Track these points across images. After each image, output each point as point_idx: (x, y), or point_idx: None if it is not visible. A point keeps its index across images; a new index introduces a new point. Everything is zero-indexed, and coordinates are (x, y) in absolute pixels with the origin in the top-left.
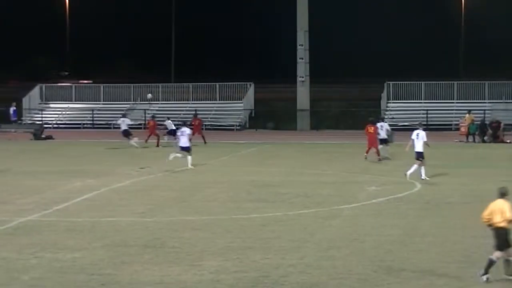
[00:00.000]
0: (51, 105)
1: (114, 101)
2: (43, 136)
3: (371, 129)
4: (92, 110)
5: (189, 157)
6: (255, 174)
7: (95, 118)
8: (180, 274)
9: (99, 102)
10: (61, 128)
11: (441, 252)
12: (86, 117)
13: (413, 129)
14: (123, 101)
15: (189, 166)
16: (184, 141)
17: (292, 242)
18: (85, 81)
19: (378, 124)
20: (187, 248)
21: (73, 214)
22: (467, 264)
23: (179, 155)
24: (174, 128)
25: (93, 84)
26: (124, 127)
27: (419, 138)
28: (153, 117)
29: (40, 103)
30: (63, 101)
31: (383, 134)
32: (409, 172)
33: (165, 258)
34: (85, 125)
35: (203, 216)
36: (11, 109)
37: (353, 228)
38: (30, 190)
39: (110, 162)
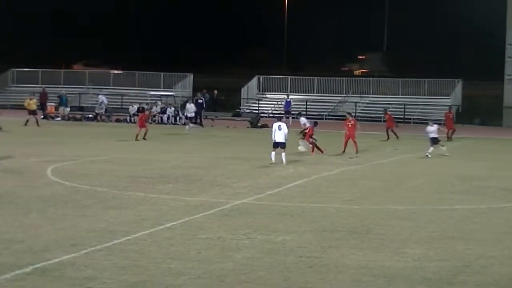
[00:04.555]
0: (268, 96)
1: (326, 93)
2: (259, 124)
3: None
4: (306, 101)
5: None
6: (459, 167)
7: (308, 109)
8: (384, 260)
9: (312, 94)
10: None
11: None
12: (300, 107)
13: None
14: (334, 94)
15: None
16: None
17: (494, 234)
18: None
19: None
20: (392, 236)
21: (284, 199)
22: None
23: None
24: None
25: (307, 77)
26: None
27: None
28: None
29: (258, 93)
30: (278, 92)
31: None
32: None
33: (370, 244)
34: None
35: (408, 206)
36: (286, 100)
37: None
38: (246, 175)
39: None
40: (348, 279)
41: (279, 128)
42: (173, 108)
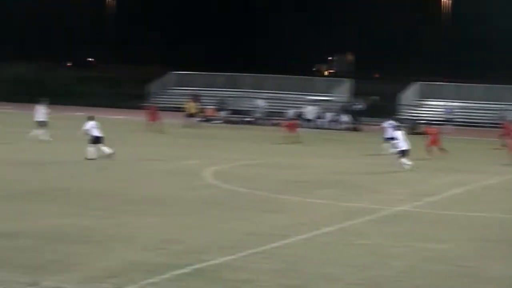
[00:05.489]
0: (426, 102)
1: (489, 101)
2: (416, 131)
3: None
4: (467, 109)
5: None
6: None
7: (470, 116)
8: None
9: (473, 101)
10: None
11: None
12: (462, 115)
13: None
14: (499, 101)
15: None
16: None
17: None
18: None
19: None
20: None
21: (443, 207)
22: None
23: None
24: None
25: (467, 84)
26: None
27: None
28: None
29: (416, 100)
30: (437, 98)
31: None
32: None
33: None
34: (458, 123)
35: None
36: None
37: None
38: (404, 181)
39: (481, 160)
40: None
41: (403, 135)
42: (330, 114)
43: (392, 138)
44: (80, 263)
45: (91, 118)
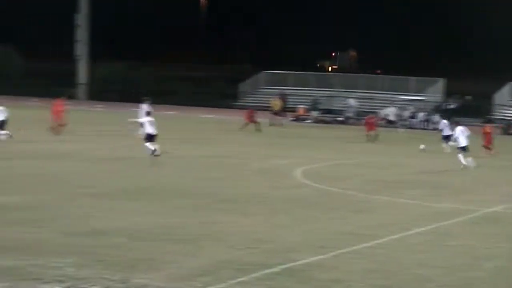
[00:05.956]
0: None
1: None
2: (510, 132)
3: None
4: None
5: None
6: None
7: None
8: None
9: None
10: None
11: None
12: None
13: None
14: None
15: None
16: None
17: None
18: None
19: None
20: None
21: None
22: None
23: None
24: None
25: None
26: None
27: None
28: None
29: (510, 100)
30: None
31: None
32: None
33: None
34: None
35: None
36: None
37: None
38: (495, 182)
39: None
40: None
41: (462, 133)
42: (423, 113)
43: (449, 136)
44: (169, 262)
45: (148, 113)
